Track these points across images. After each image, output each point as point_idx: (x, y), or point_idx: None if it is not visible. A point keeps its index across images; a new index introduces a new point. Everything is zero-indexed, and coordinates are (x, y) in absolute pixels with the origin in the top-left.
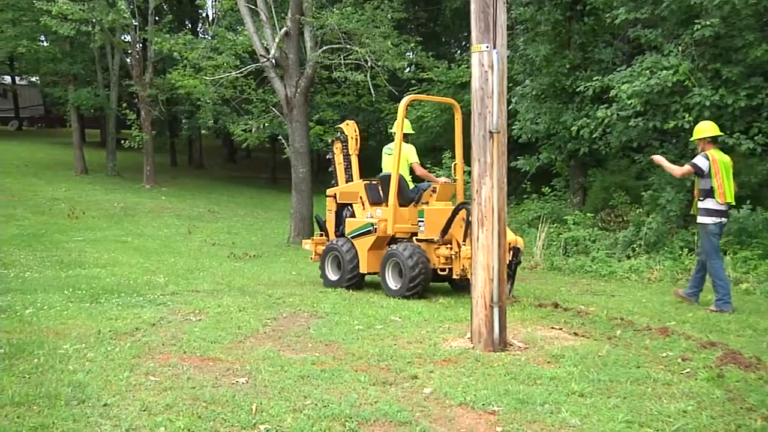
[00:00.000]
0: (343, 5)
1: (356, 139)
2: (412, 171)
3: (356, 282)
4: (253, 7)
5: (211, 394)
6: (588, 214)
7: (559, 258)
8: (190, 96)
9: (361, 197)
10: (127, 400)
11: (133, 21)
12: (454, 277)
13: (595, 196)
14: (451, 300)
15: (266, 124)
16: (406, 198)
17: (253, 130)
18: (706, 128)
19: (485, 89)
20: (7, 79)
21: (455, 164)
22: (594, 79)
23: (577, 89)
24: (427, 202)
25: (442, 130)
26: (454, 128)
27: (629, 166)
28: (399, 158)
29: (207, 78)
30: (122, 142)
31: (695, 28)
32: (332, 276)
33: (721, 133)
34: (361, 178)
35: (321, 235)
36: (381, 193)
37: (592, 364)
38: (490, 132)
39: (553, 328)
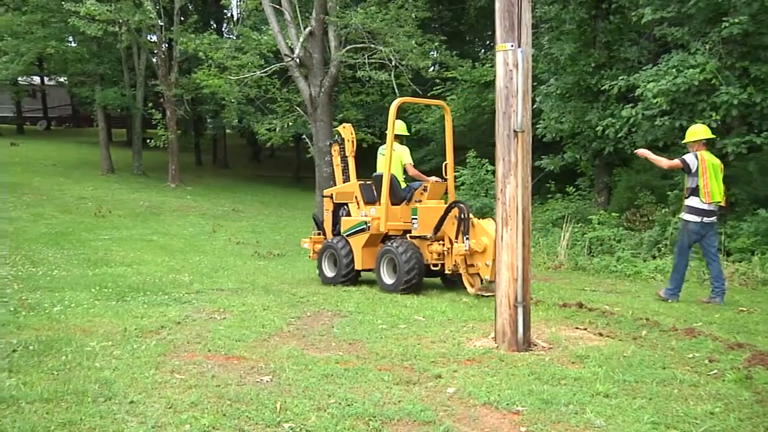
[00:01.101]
0: (367, 5)
1: (352, 141)
2: (405, 171)
3: (351, 278)
4: (277, 6)
5: (236, 393)
6: (613, 214)
7: (583, 258)
8: (215, 95)
9: (356, 197)
10: (153, 398)
11: (159, 21)
12: (446, 272)
13: (620, 195)
14: (475, 299)
15: (290, 124)
16: (398, 197)
17: (278, 129)
18: (699, 131)
19: (510, 88)
20: (36, 79)
21: (445, 164)
22: (619, 77)
23: (602, 88)
24: (419, 201)
25: (467, 129)
26: (444, 130)
27: (655, 166)
28: (390, 159)
29: (232, 77)
30: (148, 141)
31: (723, 26)
32: (329, 273)
33: (713, 136)
34: (357, 178)
35: (318, 234)
36: (375, 193)
37: (618, 365)
38: (515, 131)
39: (577, 328)
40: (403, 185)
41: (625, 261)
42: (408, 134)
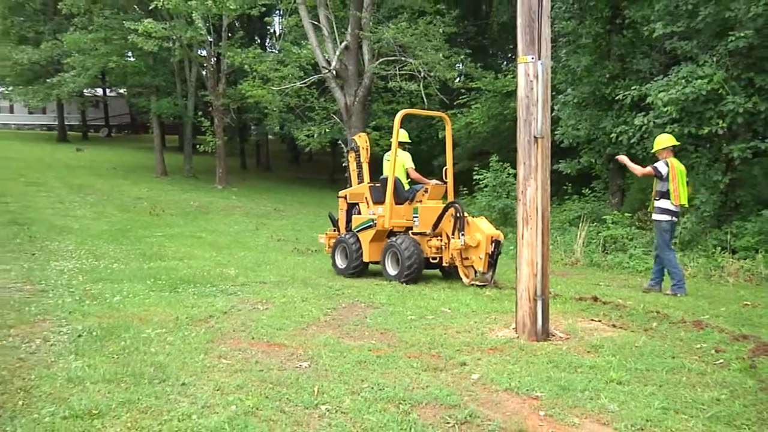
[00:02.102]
0: (398, 21)
1: (367, 149)
2: (408, 175)
3: (360, 269)
4: (316, 23)
5: (277, 377)
6: (626, 214)
7: (598, 255)
8: (258, 104)
9: (366, 197)
10: (202, 380)
11: (209, 37)
12: (444, 264)
13: (633, 197)
14: (497, 293)
15: (327, 130)
16: (402, 197)
17: (315, 135)
18: (666, 140)
19: (530, 97)
20: (99, 91)
21: (445, 168)
22: (632, 88)
23: (616, 97)
24: (420, 201)
25: (489, 135)
26: (446, 139)
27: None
28: (394, 164)
29: (274, 88)
30: (198, 146)
31: (730, 40)
32: (341, 264)
33: (678, 143)
34: (371, 181)
35: (333, 231)
36: (382, 194)
37: (630, 354)
38: (535, 137)
39: (592, 320)
40: (407, 187)
41: (637, 258)
42: (410, 142)
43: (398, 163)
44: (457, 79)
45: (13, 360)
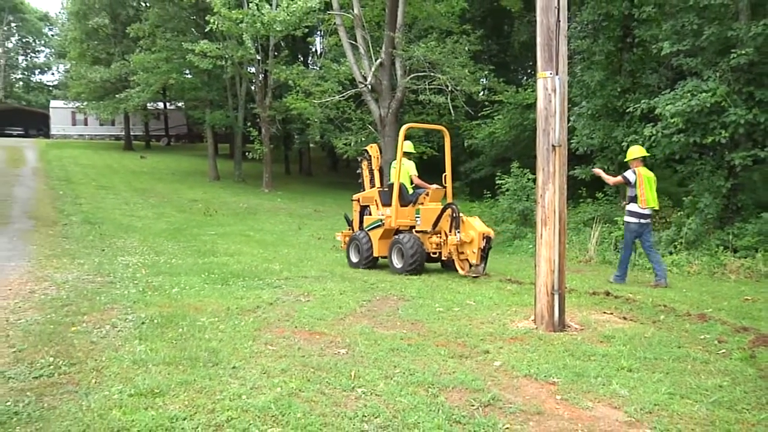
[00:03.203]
0: (428, 40)
1: (377, 158)
2: (412, 180)
3: (371, 263)
4: (353, 42)
5: (318, 362)
6: None
7: (610, 253)
8: (301, 116)
9: (375, 200)
10: (251, 364)
11: (257, 56)
12: (443, 258)
13: None
14: (517, 287)
15: (363, 139)
16: (406, 200)
17: (352, 143)
18: (636, 151)
19: (549, 109)
20: (160, 104)
21: (444, 175)
22: (642, 101)
23: (627, 110)
24: (422, 203)
25: (511, 143)
26: (444, 149)
27: (672, 175)
28: (399, 171)
29: (315, 101)
30: (246, 154)
31: (732, 57)
32: (354, 259)
33: (648, 154)
34: (382, 186)
35: (349, 230)
36: (389, 197)
37: (639, 344)
38: (553, 145)
39: (605, 312)
40: (411, 191)
41: (646, 256)
42: (414, 152)
43: (403, 171)
44: (482, 93)
45: (86, 343)
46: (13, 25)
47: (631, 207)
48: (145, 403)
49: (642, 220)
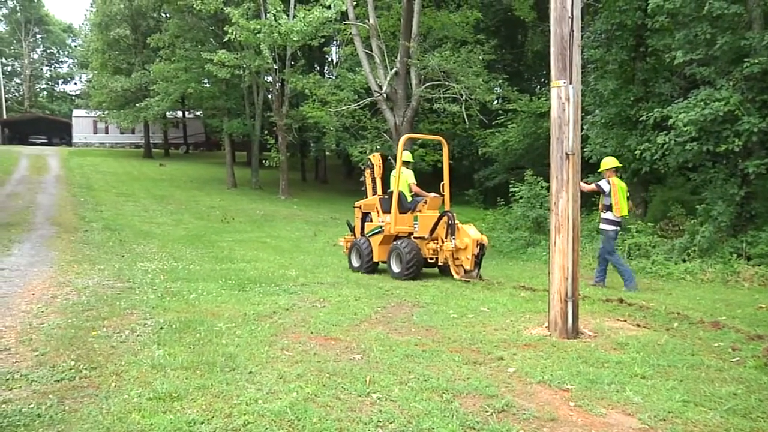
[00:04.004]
0: (442, 50)
1: (380, 167)
2: (411, 189)
3: (371, 267)
4: (369, 52)
5: (333, 367)
6: (649, 224)
7: (623, 261)
8: (317, 124)
9: (376, 208)
10: (267, 369)
11: (274, 65)
12: (439, 263)
13: (655, 208)
14: (531, 294)
15: (378, 147)
16: (405, 208)
17: (368, 151)
18: (610, 162)
19: (562, 118)
20: (179, 113)
21: (442, 183)
22: (655, 109)
23: (640, 118)
24: (420, 211)
25: (524, 152)
26: (443, 161)
27: (685, 183)
28: (399, 180)
29: (331, 110)
30: (263, 161)
31: (745, 66)
32: (355, 263)
33: (621, 165)
34: (384, 193)
35: (350, 235)
36: (389, 205)
37: (653, 351)
38: (567, 154)
39: (618, 319)
40: (410, 199)
41: (659, 264)
42: (413, 161)
43: (402, 179)
44: (495, 102)
45: (106, 347)
46: (38, 36)
47: (607, 215)
48: (164, 407)
49: (617, 228)
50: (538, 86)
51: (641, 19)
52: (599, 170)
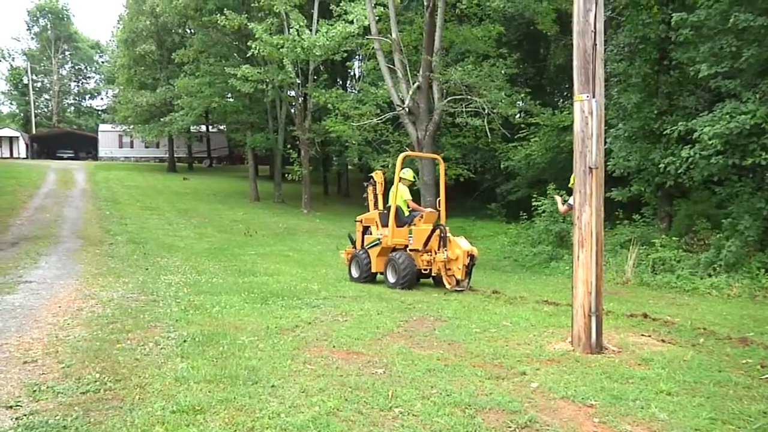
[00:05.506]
0: (464, 63)
1: (382, 183)
2: (408, 204)
3: (369, 278)
4: (391, 66)
5: (356, 382)
6: (673, 238)
7: (647, 275)
8: (340, 138)
9: (376, 221)
10: (289, 383)
11: (297, 80)
12: (433, 274)
13: (680, 222)
14: (554, 309)
15: None
16: (402, 222)
17: (390, 165)
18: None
19: (585, 132)
20: (203, 127)
21: (439, 200)
22: (679, 123)
23: (664, 132)
24: (415, 224)
25: (547, 165)
26: (439, 178)
27: (710, 197)
28: (396, 196)
29: (354, 124)
30: (286, 175)
31: None
32: (355, 274)
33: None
34: (385, 208)
35: (351, 248)
36: (387, 219)
37: (678, 367)
38: (590, 167)
39: (642, 335)
40: (407, 214)
41: (684, 278)
42: (411, 179)
43: (400, 195)
44: (518, 115)
45: (131, 360)
46: (67, 53)
47: None
48: (187, 420)
49: None
50: (561, 100)
51: (665, 32)
52: (569, 185)
